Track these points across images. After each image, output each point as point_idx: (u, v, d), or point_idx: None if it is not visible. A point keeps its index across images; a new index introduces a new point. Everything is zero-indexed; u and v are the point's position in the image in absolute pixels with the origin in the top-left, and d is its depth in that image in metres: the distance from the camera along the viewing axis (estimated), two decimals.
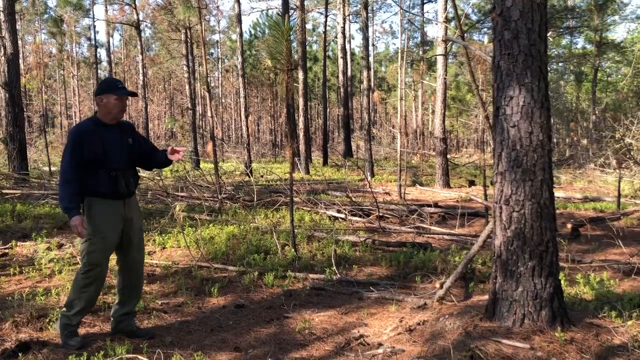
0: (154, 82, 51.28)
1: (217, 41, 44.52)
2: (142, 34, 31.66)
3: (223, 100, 48.82)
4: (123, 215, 3.80)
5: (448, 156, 17.66)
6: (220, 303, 4.82)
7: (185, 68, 23.70)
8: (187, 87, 23.58)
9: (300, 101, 19.97)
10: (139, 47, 22.73)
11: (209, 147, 10.81)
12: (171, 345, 3.76)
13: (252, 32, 44.52)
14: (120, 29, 39.93)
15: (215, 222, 7.95)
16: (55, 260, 5.93)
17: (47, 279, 5.38)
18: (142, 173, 13.54)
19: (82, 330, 4.01)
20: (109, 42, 29.50)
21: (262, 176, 16.86)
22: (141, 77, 23.49)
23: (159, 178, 11.61)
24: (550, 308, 3.50)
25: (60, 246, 6.66)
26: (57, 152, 25.50)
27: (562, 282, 5.00)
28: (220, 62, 44.16)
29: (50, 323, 4.06)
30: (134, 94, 3.99)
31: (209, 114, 11.11)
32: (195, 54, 30.51)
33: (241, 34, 18.90)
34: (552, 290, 3.52)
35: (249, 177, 12.76)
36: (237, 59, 18.92)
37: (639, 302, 4.37)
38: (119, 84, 3.81)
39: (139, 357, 3.44)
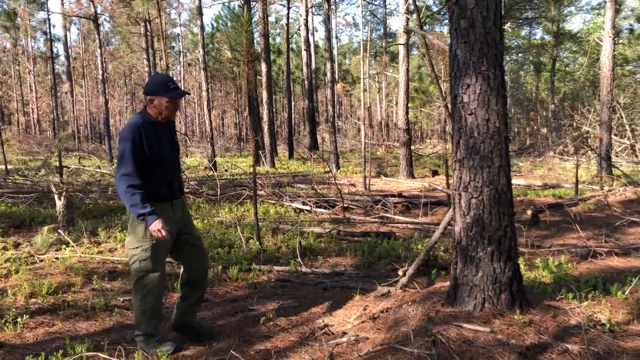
0: (114, 77, 50.23)
1: (179, 34, 43.83)
2: (101, 28, 30.96)
3: (186, 95, 48.12)
4: (172, 217, 3.54)
5: (412, 147, 17.84)
6: None
7: (145, 62, 23.30)
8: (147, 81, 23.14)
9: (264, 94, 19.82)
10: (97, 41, 22.17)
11: None
12: (133, 342, 3.69)
13: (214, 25, 44.03)
14: (78, 22, 38.90)
15: None
16: (11, 259, 5.77)
17: (3, 279, 5.22)
18: (103, 169, 13.27)
19: (40, 330, 3.91)
20: (66, 36, 28.66)
21: (226, 170, 16.72)
22: (100, 72, 22.93)
23: None
24: (510, 292, 3.57)
25: (17, 245, 6.47)
26: (13, 149, 24.75)
27: (522, 266, 5.12)
28: (182, 56, 43.47)
29: (7, 324, 3.94)
30: (187, 94, 3.67)
31: None
32: (156, 47, 29.99)
33: (202, 27, 18.64)
34: (511, 275, 3.58)
35: (213, 172, 12.63)
36: (199, 52, 18.66)
37: (595, 283, 4.51)
38: (171, 83, 3.48)
39: (100, 354, 3.38)
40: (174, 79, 3.59)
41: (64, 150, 19.08)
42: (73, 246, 6.21)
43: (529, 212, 8.41)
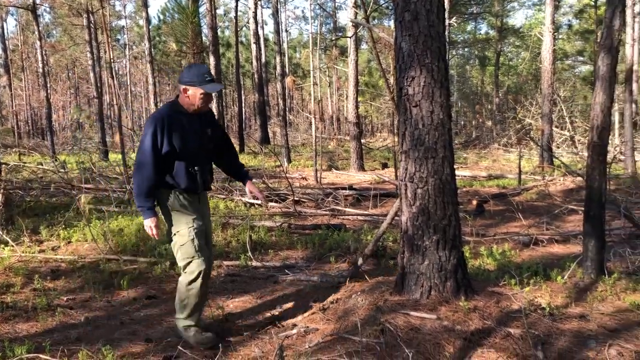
0: (56, 71, 48.35)
1: (124, 27, 42.62)
2: (41, 19, 29.76)
3: (133, 89, 46.94)
4: (198, 209, 3.55)
5: (363, 140, 18.00)
6: (131, 295, 4.66)
7: (89, 55, 22.54)
8: (92, 75, 22.43)
9: None
10: (36, 33, 21.27)
11: (117, 137, 10.36)
12: (77, 341, 3.60)
13: (161, 17, 42.93)
14: (16, 13, 37.22)
15: (125, 213, 7.66)
16: None
17: None
18: (45, 166, 12.79)
19: None
20: (2, 27, 27.43)
21: None
22: (41, 65, 22.05)
23: (63, 170, 11.00)
24: (455, 279, 3.67)
25: None
26: None
27: (467, 254, 5.27)
28: (128, 49, 42.32)
29: None
30: (223, 87, 3.63)
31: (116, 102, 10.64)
32: (100, 40, 29.07)
33: (148, 19, 18.21)
34: (455, 262, 3.68)
35: None
36: (145, 45, 18.22)
37: (536, 270, 4.68)
38: (207, 75, 3.40)
39: (41, 356, 3.26)
40: (210, 71, 3.48)
41: (2, 146, 18.29)
42: (12, 246, 5.97)
43: (474, 202, 8.64)
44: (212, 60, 19.42)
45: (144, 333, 3.80)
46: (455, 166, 3.79)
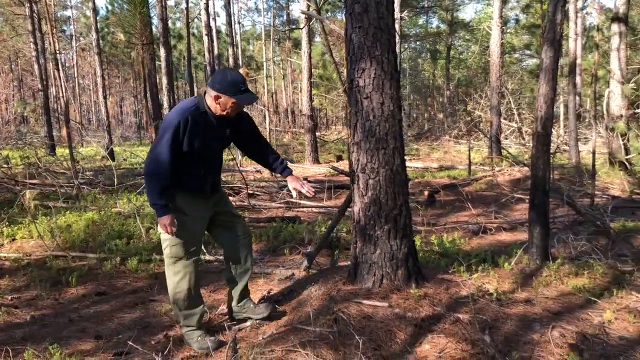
0: None
1: (70, 17, 41.19)
2: None
3: (80, 82, 45.45)
4: (207, 206, 3.47)
5: (318, 133, 18.04)
6: (80, 292, 4.55)
7: (33, 46, 21.69)
8: (36, 67, 21.60)
9: (164, 80, 19.10)
10: None
11: (64, 131, 10.03)
12: (23, 341, 3.49)
13: (109, 7, 41.72)
14: None
15: (73, 209, 7.45)
16: None
17: None
18: None
19: None
20: None
21: (125, 160, 16.05)
22: None
23: (6, 166, 10.58)
24: (406, 267, 3.74)
25: None
26: None
27: (418, 243, 5.37)
28: (74, 40, 40.93)
29: None
30: (257, 99, 3.40)
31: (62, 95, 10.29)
32: (44, 30, 28.01)
33: (95, 9, 17.64)
34: (407, 251, 3.75)
35: (111, 161, 12.07)
36: (92, 36, 17.66)
37: (484, 257, 4.82)
38: (242, 85, 3.25)
39: None
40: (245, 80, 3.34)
41: None
42: None
43: (426, 192, 8.81)
44: (162, 52, 19.00)
45: (93, 330, 3.72)
46: (407, 158, 3.86)
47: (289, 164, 3.78)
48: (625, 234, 5.94)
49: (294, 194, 3.64)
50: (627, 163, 11.57)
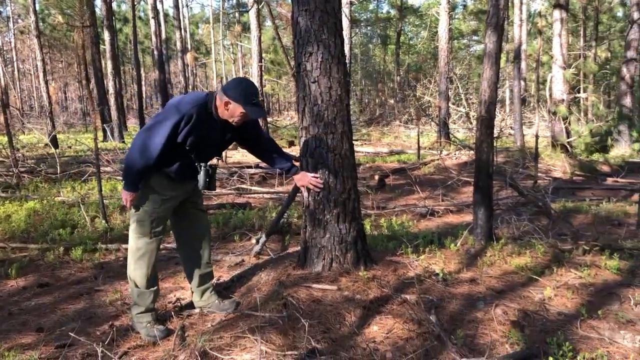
0: None
1: None
2: None
3: (20, 66, 43.50)
4: (183, 189, 3.43)
5: (270, 119, 17.90)
6: (20, 284, 4.38)
7: None
8: None
9: (109, 64, 18.56)
10: None
11: (2, 117, 9.58)
12: None
13: None
14: None
15: (13, 198, 7.15)
16: None
17: None
18: None
19: None
20: None
21: (69, 147, 15.51)
22: None
23: None
24: (355, 250, 3.77)
25: None
26: None
27: (368, 227, 5.43)
28: (12, 22, 39.07)
29: None
30: (265, 115, 3.29)
31: None
32: None
33: None
34: (355, 234, 3.78)
35: (53, 149, 11.64)
36: (31, 18, 16.89)
37: (431, 238, 4.91)
38: (254, 97, 3.17)
39: None
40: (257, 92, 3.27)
41: None
42: None
43: (376, 177, 8.91)
44: (106, 36, 18.44)
45: (35, 323, 3.59)
46: (359, 143, 3.91)
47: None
48: (565, 214, 6.19)
49: (305, 193, 3.74)
50: (568, 146, 12.03)
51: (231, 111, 3.20)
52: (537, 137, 8.98)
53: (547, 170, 10.17)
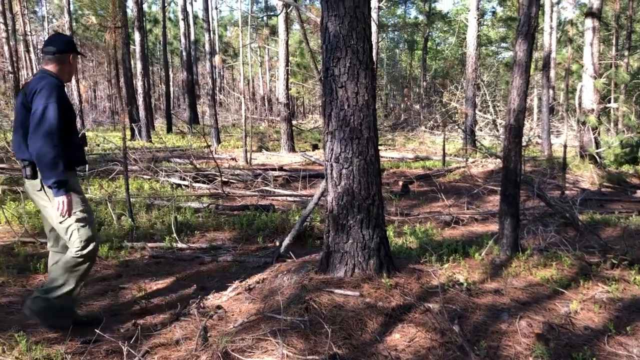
0: None
1: None
2: None
3: None
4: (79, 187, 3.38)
5: (294, 122, 17.97)
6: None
7: (3, 27, 21.12)
8: (6, 48, 21.03)
9: (139, 64, 18.84)
10: None
11: None
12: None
13: None
14: None
15: None
16: None
17: None
18: None
19: None
20: None
21: (98, 145, 15.77)
22: None
23: None
24: (378, 257, 3.75)
25: None
26: None
27: (391, 233, 5.41)
28: (47, 22, 39.92)
29: None
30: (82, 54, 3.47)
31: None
32: (15, 11, 27.22)
33: None
34: (379, 240, 3.76)
35: (83, 147, 11.85)
36: (65, 18, 17.24)
37: (456, 247, 4.87)
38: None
39: None
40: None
41: None
42: None
43: (400, 183, 8.86)
44: (137, 36, 18.73)
45: None
46: (383, 148, 3.88)
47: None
48: (593, 226, 6.07)
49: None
50: (597, 156, 11.80)
51: (73, 64, 3.39)
52: (565, 146, 8.83)
53: (574, 181, 10.00)
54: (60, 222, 3.24)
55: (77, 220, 3.24)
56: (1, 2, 20.26)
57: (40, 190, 3.23)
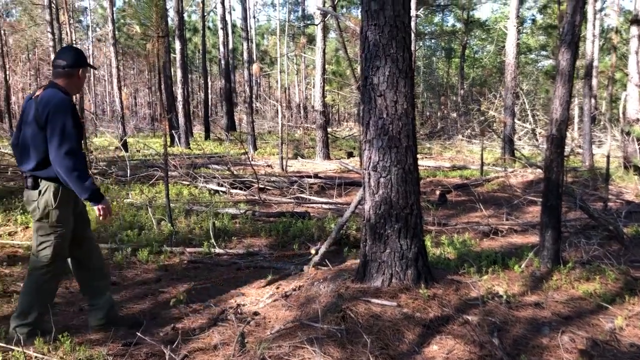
0: (16, 51, 46.67)
1: (87, 8, 41.47)
2: None
3: (96, 72, 45.72)
4: (75, 199, 3.40)
5: (329, 129, 18.02)
6: None
7: (50, 36, 21.87)
8: (53, 56, 21.78)
9: (179, 72, 19.24)
10: None
11: None
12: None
13: None
14: None
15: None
16: None
17: None
18: (2, 149, 12.42)
19: None
20: None
21: (138, 151, 16.13)
22: None
23: None
24: (415, 267, 3.72)
25: None
26: None
27: (429, 243, 5.35)
28: (91, 31, 41.20)
29: None
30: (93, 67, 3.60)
31: None
32: (62, 20, 28.15)
33: (112, 1, 17.73)
34: (416, 251, 3.73)
35: (124, 152, 12.15)
36: (109, 27, 17.74)
37: (495, 259, 4.78)
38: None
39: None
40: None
41: None
42: None
43: (437, 192, 8.77)
44: (177, 45, 19.12)
45: None
46: (420, 156, 3.85)
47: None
48: (638, 240, 5.88)
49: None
50: None
51: (82, 78, 3.39)
52: (608, 157, 8.59)
53: (618, 193, 9.71)
54: (41, 235, 3.28)
55: (56, 238, 3.29)
56: (49, 11, 20.99)
57: (35, 201, 3.28)
